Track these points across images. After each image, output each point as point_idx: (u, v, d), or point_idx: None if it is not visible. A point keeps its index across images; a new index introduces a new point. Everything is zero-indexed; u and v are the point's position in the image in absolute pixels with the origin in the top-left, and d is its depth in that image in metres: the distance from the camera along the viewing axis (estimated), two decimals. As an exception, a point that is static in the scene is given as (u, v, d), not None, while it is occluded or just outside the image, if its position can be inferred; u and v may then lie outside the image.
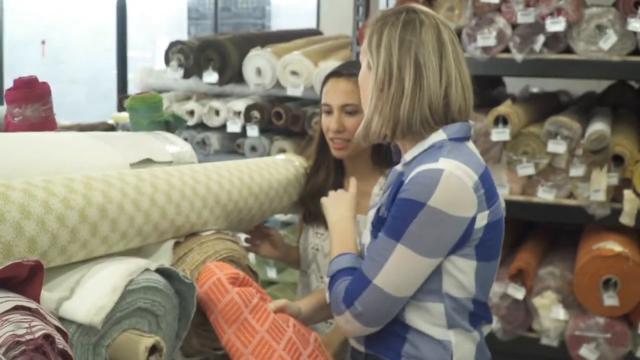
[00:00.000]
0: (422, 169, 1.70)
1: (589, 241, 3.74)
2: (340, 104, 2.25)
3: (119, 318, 1.56)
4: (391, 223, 1.73)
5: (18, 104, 2.25)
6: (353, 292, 1.76)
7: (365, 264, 1.77)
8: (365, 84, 1.83)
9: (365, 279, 1.75)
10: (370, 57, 1.79)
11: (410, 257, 1.70)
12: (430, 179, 1.67)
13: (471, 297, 1.79)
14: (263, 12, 10.22)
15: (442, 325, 1.78)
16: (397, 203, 1.72)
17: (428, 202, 1.66)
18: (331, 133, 2.27)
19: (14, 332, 1.26)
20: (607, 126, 3.70)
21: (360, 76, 1.87)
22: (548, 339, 3.72)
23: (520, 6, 3.66)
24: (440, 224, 1.68)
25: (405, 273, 1.72)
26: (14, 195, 1.47)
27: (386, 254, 1.72)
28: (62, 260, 1.56)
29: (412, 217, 1.68)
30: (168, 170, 1.89)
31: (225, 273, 1.82)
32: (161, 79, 4.93)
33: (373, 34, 1.80)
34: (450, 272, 1.75)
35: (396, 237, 1.71)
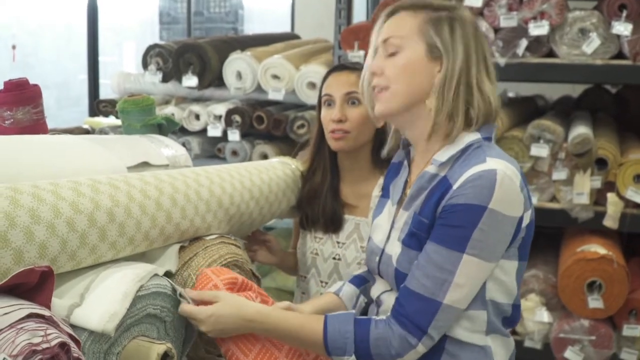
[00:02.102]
0: (475, 170, 1.64)
1: (572, 244, 3.76)
2: (344, 92, 2.24)
3: (129, 325, 1.53)
4: (449, 233, 1.64)
5: (9, 106, 2.20)
6: (423, 320, 1.66)
7: (425, 286, 1.66)
8: (420, 68, 1.75)
9: (432, 302, 1.65)
10: (442, 47, 1.73)
11: (478, 266, 1.64)
12: (487, 181, 1.62)
13: (511, 301, 1.77)
14: (236, 17, 10.19)
15: (481, 331, 1.74)
16: (453, 210, 1.64)
17: (489, 205, 1.61)
18: (332, 124, 2.25)
19: (30, 341, 1.24)
20: (590, 130, 3.72)
21: (409, 58, 1.75)
22: (532, 342, 3.74)
23: (503, 10, 3.66)
24: (500, 226, 1.63)
25: (473, 283, 1.66)
26: (23, 199, 1.43)
27: (451, 268, 1.63)
28: (72, 266, 1.52)
29: (475, 223, 1.61)
30: (171, 173, 1.85)
31: (222, 279, 1.77)
32: (139, 83, 4.86)
33: (441, 23, 1.74)
34: (495, 277, 1.71)
35: (459, 248, 1.63)
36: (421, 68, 1.74)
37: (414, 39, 1.75)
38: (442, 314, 1.65)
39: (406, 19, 1.78)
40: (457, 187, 1.64)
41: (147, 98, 2.30)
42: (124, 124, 2.31)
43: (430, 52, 1.74)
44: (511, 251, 1.71)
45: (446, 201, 1.66)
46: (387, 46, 1.78)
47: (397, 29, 1.78)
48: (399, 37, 1.76)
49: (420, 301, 1.67)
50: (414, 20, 1.76)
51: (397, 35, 1.76)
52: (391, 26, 1.80)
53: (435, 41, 1.73)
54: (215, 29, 9.82)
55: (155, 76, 4.45)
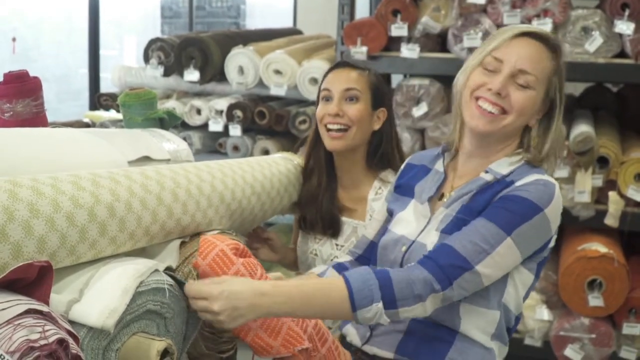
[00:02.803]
0: (540, 177, 1.77)
1: (573, 242, 3.75)
2: (343, 88, 2.23)
3: (128, 321, 1.51)
4: (503, 214, 1.74)
5: (9, 99, 2.18)
6: (453, 273, 1.71)
7: (466, 248, 1.72)
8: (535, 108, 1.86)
9: (466, 262, 1.71)
10: (557, 101, 1.87)
11: (514, 253, 1.73)
12: (549, 189, 1.75)
13: (517, 313, 1.86)
14: (238, 11, 10.16)
15: (489, 333, 1.81)
16: (513, 199, 1.74)
17: (545, 210, 1.72)
18: (329, 118, 2.23)
19: (28, 337, 1.22)
20: (592, 128, 3.71)
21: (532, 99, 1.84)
22: (532, 339, 3.74)
23: (507, 7, 3.66)
24: (542, 230, 1.75)
25: (504, 264, 1.74)
26: (22, 192, 1.41)
27: (494, 243, 1.72)
28: (71, 261, 1.51)
29: (528, 217, 1.72)
30: (172, 168, 1.84)
31: (227, 243, 1.73)
32: (140, 77, 4.85)
33: (561, 77, 1.87)
34: (515, 283, 1.81)
35: (508, 230, 1.72)
36: (535, 108, 1.85)
37: (543, 84, 1.84)
38: (469, 276, 1.71)
39: (545, 61, 1.84)
40: (522, 184, 1.76)
41: (149, 92, 2.29)
42: (125, 117, 2.29)
43: (546, 98, 1.86)
44: (532, 265, 1.82)
45: (507, 192, 1.77)
46: (520, 76, 1.82)
47: (537, 68, 1.83)
48: (536, 78, 1.82)
49: (456, 258, 1.72)
50: (550, 66, 1.85)
51: (534, 74, 1.82)
52: (532, 60, 1.83)
53: (554, 96, 1.86)
54: (217, 24, 9.78)
55: (157, 70, 4.45)
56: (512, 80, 1.82)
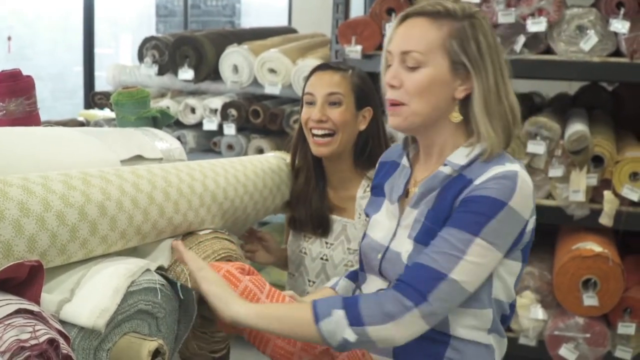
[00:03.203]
0: (499, 170, 1.67)
1: (568, 241, 3.75)
2: (325, 92, 2.21)
3: (120, 321, 1.51)
4: (467, 218, 1.66)
5: (1, 98, 2.18)
6: (424, 287, 1.63)
7: (435, 260, 1.65)
8: (442, 85, 1.72)
9: (438, 273, 1.64)
10: (472, 65, 1.69)
11: (488, 251, 1.66)
12: (510, 181, 1.65)
13: (511, 300, 1.82)
14: (233, 10, 10.16)
15: (485, 329, 1.77)
16: (476, 199, 1.66)
17: (509, 203, 1.64)
18: (312, 123, 2.22)
19: (18, 337, 1.22)
20: (586, 127, 3.71)
21: (432, 76, 1.71)
22: (526, 339, 3.73)
23: (501, 6, 3.65)
24: (512, 223, 1.67)
25: (481, 266, 1.67)
26: (12, 192, 1.41)
27: (464, 247, 1.65)
28: (61, 261, 1.50)
29: (493, 214, 1.64)
30: (164, 167, 1.83)
31: (232, 264, 1.77)
32: (134, 75, 4.85)
33: (466, 38, 1.70)
34: (500, 276, 1.75)
35: (475, 231, 1.65)
36: (444, 86, 1.72)
37: (437, 55, 1.71)
38: (446, 286, 1.64)
39: (428, 31, 1.72)
40: (481, 182, 1.68)
41: (142, 90, 2.28)
42: (118, 116, 2.29)
43: (455, 68, 1.71)
44: (516, 253, 1.75)
45: (466, 194, 1.69)
46: (406, 58, 1.72)
47: (418, 41, 1.72)
48: (421, 53, 1.70)
49: (427, 272, 1.65)
50: (437, 33, 1.71)
51: (419, 50, 1.71)
52: (411, 37, 1.73)
53: (462, 59, 1.70)
54: (212, 22, 9.78)
55: (151, 69, 4.45)
56: (404, 66, 1.72)
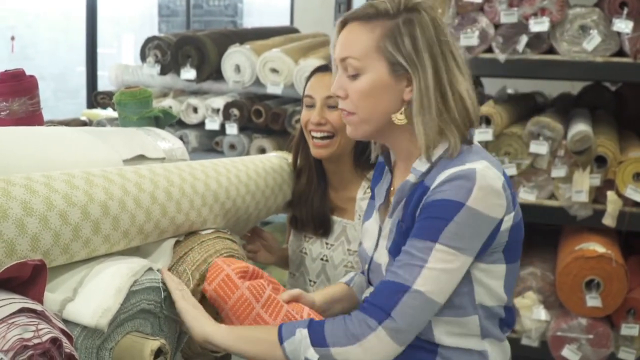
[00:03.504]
0: (454, 170, 1.59)
1: (571, 242, 3.74)
2: (324, 95, 2.19)
3: (122, 320, 1.51)
4: (425, 224, 1.59)
5: (4, 97, 2.18)
6: (386, 303, 1.58)
7: (396, 274, 1.60)
8: (385, 90, 1.65)
9: (400, 286, 1.58)
10: (407, 64, 1.62)
11: (451, 256, 1.57)
12: (466, 180, 1.57)
13: (503, 304, 1.72)
14: (235, 10, 10.16)
15: (476, 335, 1.69)
16: (432, 204, 1.59)
17: (467, 203, 1.55)
18: (312, 126, 2.21)
19: (21, 336, 1.22)
20: (589, 127, 3.71)
21: (372, 81, 1.65)
22: (529, 340, 3.72)
23: (504, 6, 3.65)
24: (476, 224, 1.58)
25: (447, 273, 1.58)
26: (15, 191, 1.41)
27: (424, 256, 1.57)
28: (64, 260, 1.50)
29: (451, 216, 1.56)
30: (166, 167, 1.83)
31: (233, 268, 1.74)
32: (137, 75, 4.85)
33: (400, 35, 1.62)
34: (481, 282, 1.66)
35: (433, 237, 1.57)
36: (387, 89, 1.65)
37: (373, 59, 1.64)
38: (410, 298, 1.57)
39: (361, 35, 1.65)
40: (435, 187, 1.60)
41: (144, 90, 2.28)
42: (121, 116, 2.29)
43: (394, 70, 1.64)
44: (495, 255, 1.66)
45: (424, 201, 1.61)
46: (346, 66, 1.67)
47: (353, 47, 1.66)
48: (357, 59, 1.65)
49: (389, 288, 1.60)
50: (370, 36, 1.64)
51: (354, 56, 1.65)
52: (346, 43, 1.67)
53: (398, 58, 1.62)
54: (214, 22, 9.78)
55: (154, 68, 4.44)
56: (346, 74, 1.67)
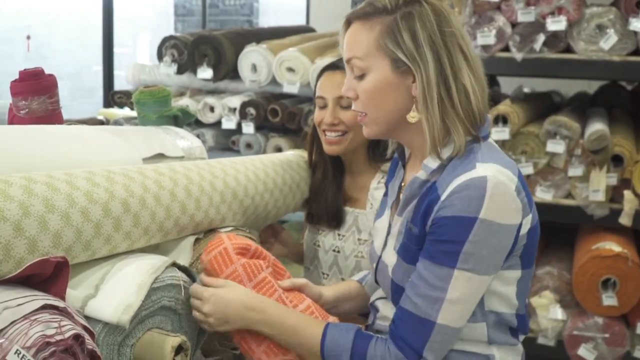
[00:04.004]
0: (463, 179, 1.52)
1: (587, 241, 3.73)
2: (336, 96, 2.19)
3: (143, 317, 1.52)
4: (438, 248, 1.54)
5: (24, 96, 2.19)
6: (417, 341, 1.56)
7: (418, 304, 1.56)
8: (391, 88, 1.61)
9: (426, 322, 1.55)
10: (408, 59, 1.57)
11: (471, 281, 1.53)
12: (476, 190, 1.50)
13: (514, 311, 1.65)
14: (251, 9, 10.17)
15: (483, 341, 1.65)
16: (441, 223, 1.53)
17: (479, 215, 1.49)
18: (325, 126, 2.21)
19: (44, 333, 1.23)
20: (606, 126, 3.70)
21: (377, 80, 1.62)
22: (545, 339, 3.72)
23: (521, 5, 3.65)
24: (494, 236, 1.51)
25: (468, 299, 1.55)
26: (37, 188, 1.42)
27: (443, 285, 1.53)
28: (86, 257, 1.52)
29: (465, 236, 1.50)
30: (185, 165, 1.85)
31: (233, 243, 1.72)
32: (154, 74, 4.87)
33: (399, 31, 1.57)
34: (493, 289, 1.61)
35: (450, 263, 1.52)
36: (393, 87, 1.61)
37: (375, 57, 1.61)
38: (437, 334, 1.55)
39: (362, 34, 1.62)
40: (445, 198, 1.53)
41: (163, 89, 2.29)
42: (140, 115, 2.30)
43: (397, 67, 1.59)
44: (512, 260, 1.61)
45: (435, 213, 1.55)
46: (352, 67, 1.65)
47: (356, 47, 1.63)
48: (360, 58, 1.62)
49: (414, 322, 1.57)
50: (370, 34, 1.60)
51: (357, 56, 1.63)
52: (350, 43, 1.65)
53: (398, 55, 1.58)
54: (230, 22, 9.80)
55: (170, 68, 4.46)
56: (354, 75, 1.65)
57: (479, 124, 1.61)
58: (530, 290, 3.66)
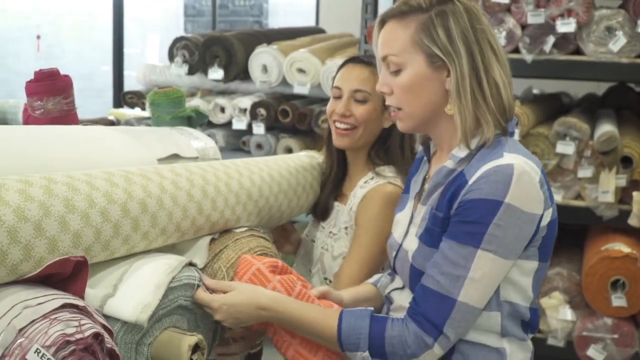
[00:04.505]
0: (491, 165, 1.59)
1: (597, 242, 3.74)
2: (352, 88, 2.19)
3: (160, 316, 1.54)
4: (464, 228, 1.59)
5: (39, 96, 2.21)
6: (439, 318, 1.61)
7: (440, 281, 1.62)
8: (427, 82, 1.69)
9: (447, 299, 1.60)
10: (443, 54, 1.65)
11: (493, 262, 1.59)
12: (503, 175, 1.56)
13: (528, 304, 1.70)
14: (261, 10, 10.19)
15: (496, 332, 1.69)
16: (468, 205, 1.59)
17: (505, 200, 1.55)
18: (336, 116, 2.21)
19: (64, 332, 1.25)
20: (615, 128, 3.71)
21: (413, 75, 1.69)
22: (555, 340, 3.72)
23: (531, 7, 3.65)
24: (517, 222, 1.57)
25: (489, 280, 1.60)
26: (57, 188, 1.44)
27: (465, 263, 1.58)
28: (105, 256, 1.54)
29: (490, 218, 1.56)
30: (201, 166, 1.87)
31: (264, 262, 1.78)
32: (164, 75, 4.90)
33: (434, 27, 1.65)
34: (510, 277, 1.66)
35: (474, 243, 1.58)
36: (428, 81, 1.69)
37: (411, 53, 1.69)
38: (457, 312, 1.60)
39: (397, 32, 1.71)
40: (472, 182, 1.60)
41: (177, 90, 2.32)
42: (154, 115, 2.32)
43: (432, 62, 1.68)
44: (530, 251, 1.66)
45: (461, 197, 1.61)
46: (388, 63, 1.73)
47: (391, 45, 1.71)
48: (396, 55, 1.70)
49: (435, 298, 1.62)
50: (406, 31, 1.69)
51: (393, 53, 1.71)
52: (385, 41, 1.74)
53: (434, 50, 1.66)
54: (239, 22, 9.82)
55: (182, 68, 4.47)
56: (389, 71, 1.73)
57: (508, 116, 1.69)
58: (540, 290, 3.67)
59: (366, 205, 2.15)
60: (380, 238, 2.08)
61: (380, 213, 2.12)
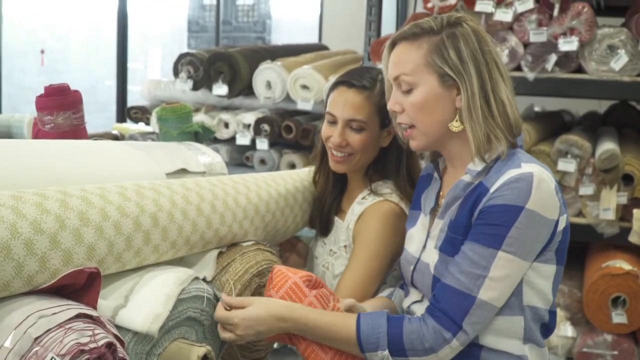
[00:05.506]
0: (512, 174, 1.68)
1: (598, 259, 3.77)
2: (347, 117, 2.11)
3: (170, 327, 1.57)
4: (486, 231, 1.68)
5: (49, 111, 2.25)
6: (458, 314, 1.69)
7: (460, 281, 1.70)
8: (438, 100, 1.77)
9: (467, 297, 1.68)
10: (454, 74, 1.74)
11: (513, 263, 1.67)
12: (525, 183, 1.66)
13: (548, 307, 1.78)
14: (264, 26, 10.25)
15: (519, 338, 1.76)
16: (491, 210, 1.68)
17: (526, 205, 1.65)
18: (332, 144, 2.15)
19: (78, 341, 1.27)
20: (617, 146, 3.74)
21: (426, 94, 1.77)
22: (555, 356, 3.74)
23: (533, 25, 3.69)
24: (536, 226, 1.67)
25: (508, 280, 1.69)
26: (72, 202, 1.47)
27: (486, 264, 1.67)
28: (116, 268, 1.56)
29: (512, 222, 1.65)
30: (210, 180, 1.90)
31: (300, 276, 1.80)
32: (169, 90, 4.94)
33: (445, 48, 1.75)
34: (531, 281, 1.73)
35: (496, 244, 1.67)
36: (439, 99, 1.78)
37: (423, 73, 1.78)
38: (477, 309, 1.68)
39: (410, 53, 1.80)
40: (495, 190, 1.69)
41: (185, 106, 2.35)
42: (161, 130, 2.35)
43: (444, 81, 1.76)
44: (548, 255, 1.74)
45: (483, 204, 1.70)
46: (400, 83, 1.81)
47: (404, 65, 1.80)
48: (408, 74, 1.79)
49: (456, 295, 1.70)
50: (418, 52, 1.78)
51: (406, 73, 1.79)
52: (397, 62, 1.82)
53: (445, 70, 1.75)
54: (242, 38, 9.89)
55: (186, 84, 4.51)
56: (401, 91, 1.81)
57: (515, 132, 1.78)
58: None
59: (363, 223, 2.14)
60: (377, 259, 2.08)
61: (377, 232, 2.11)
